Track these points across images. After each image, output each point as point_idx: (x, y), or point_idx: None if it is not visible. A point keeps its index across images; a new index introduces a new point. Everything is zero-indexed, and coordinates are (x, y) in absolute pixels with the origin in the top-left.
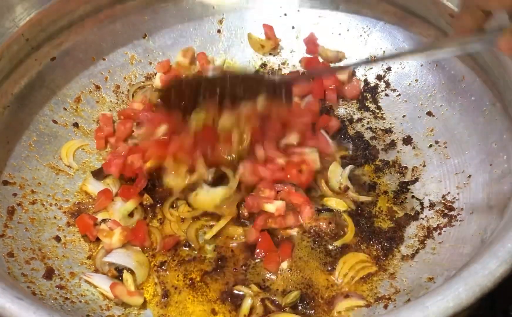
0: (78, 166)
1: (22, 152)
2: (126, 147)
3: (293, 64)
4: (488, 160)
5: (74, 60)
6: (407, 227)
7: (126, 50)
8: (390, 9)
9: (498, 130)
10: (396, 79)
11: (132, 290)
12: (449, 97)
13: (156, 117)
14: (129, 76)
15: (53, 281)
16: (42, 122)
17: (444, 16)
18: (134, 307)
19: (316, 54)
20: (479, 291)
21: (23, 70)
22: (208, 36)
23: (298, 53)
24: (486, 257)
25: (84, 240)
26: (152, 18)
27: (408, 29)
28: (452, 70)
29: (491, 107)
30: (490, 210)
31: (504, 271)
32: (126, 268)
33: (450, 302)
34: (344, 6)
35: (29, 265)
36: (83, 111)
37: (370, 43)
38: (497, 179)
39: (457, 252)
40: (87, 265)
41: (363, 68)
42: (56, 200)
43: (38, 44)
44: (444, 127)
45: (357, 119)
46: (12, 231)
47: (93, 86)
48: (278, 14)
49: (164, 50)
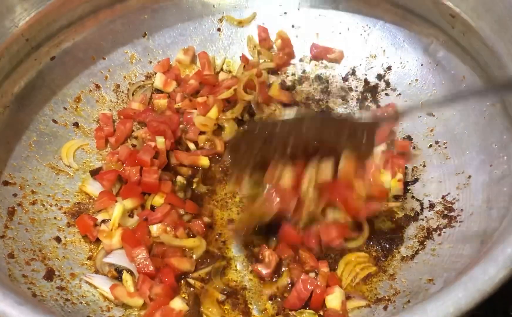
0: (78, 166)
1: (22, 152)
2: (124, 151)
3: (294, 64)
4: (488, 160)
5: (74, 60)
6: (407, 228)
7: (126, 49)
8: (391, 8)
9: (498, 130)
10: (396, 78)
11: (131, 291)
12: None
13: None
14: (129, 75)
15: (54, 282)
16: (42, 122)
17: (444, 15)
18: (134, 308)
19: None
20: (479, 297)
21: (23, 69)
22: (208, 34)
23: (298, 53)
24: (486, 262)
25: (84, 241)
26: (152, 17)
27: (409, 28)
28: (452, 70)
29: (491, 107)
30: (490, 212)
31: (504, 277)
32: (126, 269)
33: (450, 307)
34: (344, 5)
35: (30, 266)
36: (83, 111)
37: (370, 42)
38: (497, 180)
39: (456, 254)
40: (88, 266)
41: (363, 67)
42: (56, 201)
43: (38, 44)
44: (444, 127)
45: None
46: (13, 232)
47: (93, 85)
48: (278, 13)
49: (164, 49)
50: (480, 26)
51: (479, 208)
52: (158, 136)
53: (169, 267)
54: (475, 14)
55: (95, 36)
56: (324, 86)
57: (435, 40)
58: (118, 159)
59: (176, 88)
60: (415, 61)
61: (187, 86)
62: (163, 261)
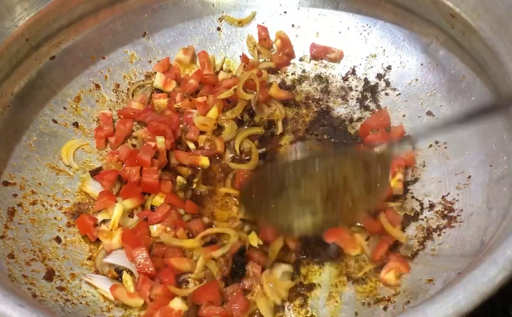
0: (78, 166)
1: (22, 152)
2: (124, 151)
3: (294, 63)
4: (488, 160)
5: (74, 59)
6: (406, 228)
7: (126, 48)
8: (391, 7)
9: (498, 130)
10: (396, 78)
11: (131, 291)
12: (449, 96)
13: None
14: (129, 74)
15: (54, 283)
16: (42, 122)
17: (444, 15)
18: (134, 309)
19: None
20: (479, 298)
21: (23, 69)
22: (208, 34)
23: (298, 52)
24: (486, 264)
25: (84, 241)
26: (152, 17)
27: (409, 28)
28: (452, 70)
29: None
30: (490, 212)
31: (504, 278)
32: (126, 269)
33: (450, 309)
34: (344, 4)
35: (30, 267)
36: (83, 110)
37: (370, 41)
38: (497, 180)
39: (456, 254)
40: (88, 266)
41: (363, 66)
42: (56, 201)
43: (37, 44)
44: None
45: (357, 118)
46: (13, 232)
47: (93, 85)
48: (277, 12)
49: (163, 49)
50: (480, 26)
51: (479, 208)
52: (158, 136)
53: (169, 267)
54: (475, 14)
55: (95, 36)
56: (324, 86)
57: (435, 40)
58: (118, 159)
59: (176, 87)
60: (415, 61)
61: (187, 86)
62: (163, 261)
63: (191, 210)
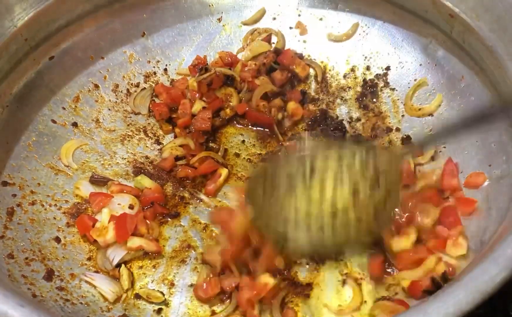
0: (78, 166)
1: (21, 152)
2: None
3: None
4: (487, 160)
5: (73, 59)
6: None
7: (125, 48)
8: (389, 8)
9: (497, 130)
10: (395, 78)
11: (126, 286)
12: (448, 97)
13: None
14: (128, 75)
15: (53, 283)
16: (41, 122)
17: (443, 15)
18: (134, 309)
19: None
20: (479, 297)
21: (22, 69)
22: (207, 34)
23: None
24: (487, 263)
25: (83, 241)
26: (151, 17)
27: (407, 28)
28: (452, 70)
29: (491, 108)
30: (490, 212)
31: (504, 277)
32: (125, 263)
33: (451, 307)
34: (343, 5)
35: (29, 267)
36: (82, 111)
37: (369, 41)
38: (496, 180)
39: None
40: (87, 266)
41: (362, 67)
42: (55, 201)
43: (36, 44)
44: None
45: (356, 118)
46: (12, 233)
47: (92, 85)
48: (277, 12)
49: (162, 49)
50: (479, 26)
51: (479, 208)
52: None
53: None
54: (474, 14)
55: (94, 36)
56: (323, 86)
57: (434, 40)
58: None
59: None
60: (414, 61)
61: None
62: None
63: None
